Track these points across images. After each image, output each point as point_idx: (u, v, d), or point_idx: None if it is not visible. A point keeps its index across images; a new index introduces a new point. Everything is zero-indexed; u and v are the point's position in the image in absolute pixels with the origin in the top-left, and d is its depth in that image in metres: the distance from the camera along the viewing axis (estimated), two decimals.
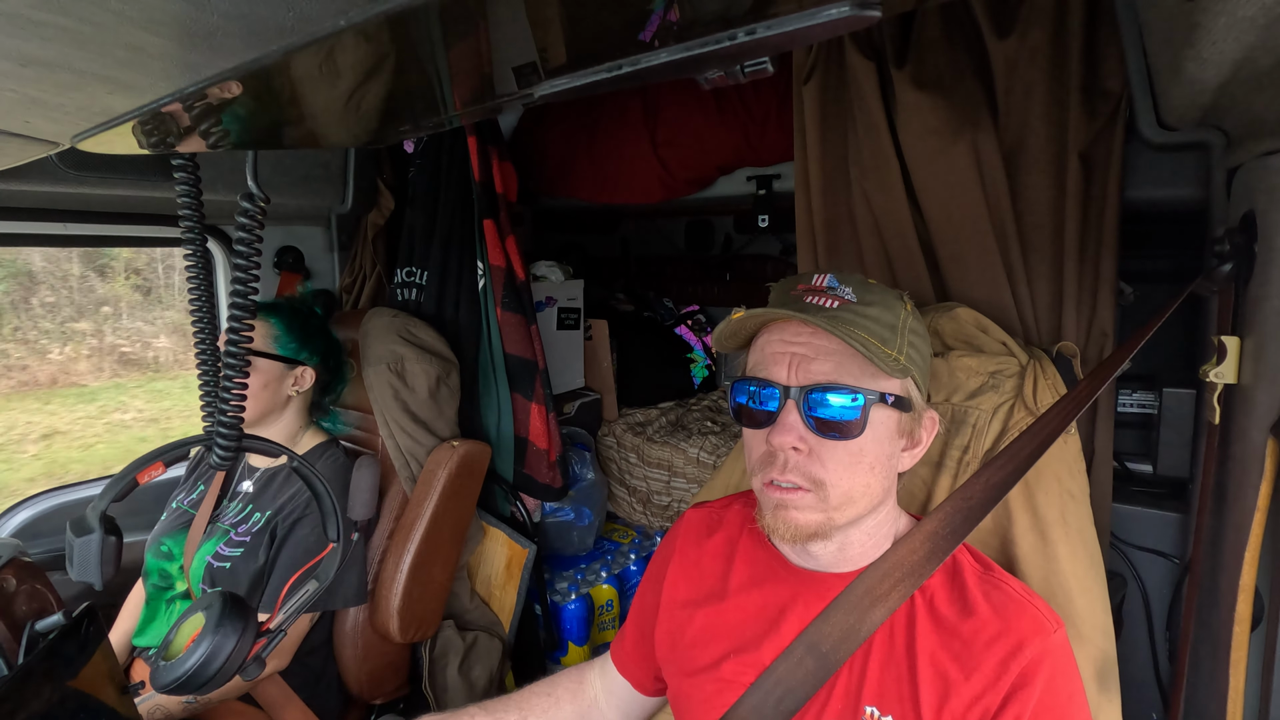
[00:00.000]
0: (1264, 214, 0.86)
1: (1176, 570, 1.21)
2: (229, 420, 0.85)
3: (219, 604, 0.90)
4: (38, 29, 0.41)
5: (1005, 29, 1.13)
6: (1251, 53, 0.63)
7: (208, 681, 0.86)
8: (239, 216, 0.80)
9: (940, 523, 0.80)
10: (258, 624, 0.92)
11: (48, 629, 0.93)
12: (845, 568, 0.83)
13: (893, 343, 0.75)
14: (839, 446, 0.75)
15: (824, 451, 0.76)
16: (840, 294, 0.78)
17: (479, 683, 1.75)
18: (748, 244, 2.79)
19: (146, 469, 0.88)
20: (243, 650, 0.88)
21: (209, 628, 0.87)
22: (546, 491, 1.93)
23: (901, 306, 0.80)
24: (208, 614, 0.90)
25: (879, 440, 0.77)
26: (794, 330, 0.78)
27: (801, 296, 0.78)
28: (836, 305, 0.76)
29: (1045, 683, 0.71)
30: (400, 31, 0.44)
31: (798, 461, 0.76)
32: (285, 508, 1.40)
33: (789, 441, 0.75)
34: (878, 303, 0.78)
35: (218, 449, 0.86)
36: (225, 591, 0.93)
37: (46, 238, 1.74)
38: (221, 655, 0.86)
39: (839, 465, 0.76)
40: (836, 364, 0.75)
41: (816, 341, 0.77)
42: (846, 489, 0.76)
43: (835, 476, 0.76)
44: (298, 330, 1.49)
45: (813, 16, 0.40)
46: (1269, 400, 0.82)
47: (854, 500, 0.77)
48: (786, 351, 0.77)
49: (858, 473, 0.76)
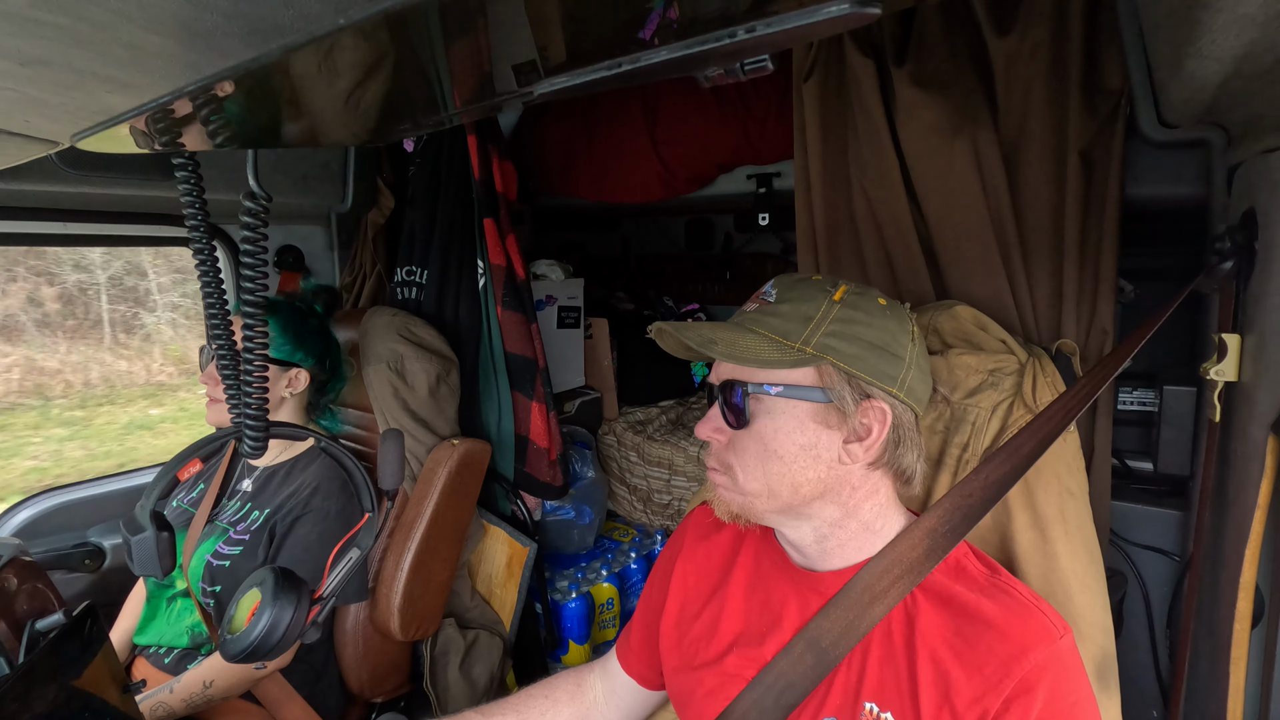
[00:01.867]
0: (1265, 211, 0.86)
1: (1177, 568, 1.21)
2: (255, 412, 0.93)
3: (272, 578, 0.95)
4: (37, 28, 0.41)
5: (1005, 26, 1.13)
6: (1252, 49, 0.63)
7: (274, 647, 0.92)
8: (243, 216, 0.82)
9: (939, 519, 0.80)
10: (310, 591, 0.98)
11: (49, 628, 0.93)
12: (835, 564, 0.83)
13: (796, 334, 0.78)
14: (745, 435, 0.81)
15: (735, 440, 0.82)
16: (765, 296, 0.85)
17: (480, 681, 1.76)
18: (748, 242, 2.79)
19: (185, 465, 0.96)
20: (301, 617, 0.94)
21: (267, 599, 0.93)
22: (547, 490, 1.93)
23: (826, 298, 0.80)
24: (263, 588, 0.94)
25: (787, 431, 0.79)
26: None
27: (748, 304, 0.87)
28: (755, 308, 0.84)
29: (1049, 690, 0.70)
30: (400, 30, 0.44)
31: (716, 449, 0.85)
32: (284, 506, 1.40)
33: (705, 430, 0.85)
34: (797, 298, 0.81)
35: (248, 439, 0.94)
36: (274, 567, 0.97)
37: (47, 237, 1.74)
38: (284, 623, 0.92)
39: (746, 454, 0.81)
40: (740, 360, 0.81)
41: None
42: (759, 476, 0.80)
43: (741, 461, 0.82)
44: (293, 332, 1.48)
45: (812, 14, 0.40)
46: (1270, 398, 0.82)
47: (775, 491, 0.80)
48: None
49: (769, 461, 0.80)
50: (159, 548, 0.90)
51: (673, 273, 3.12)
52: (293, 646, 1.41)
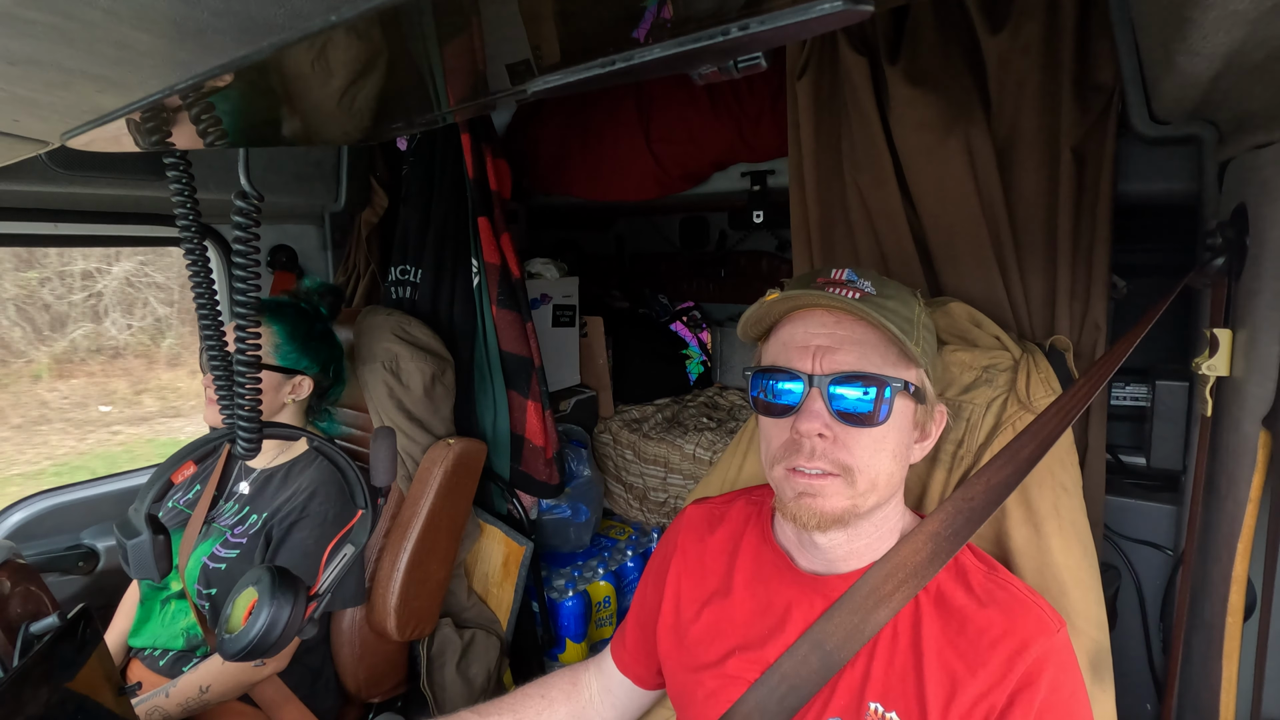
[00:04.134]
0: (1255, 207, 0.87)
1: (1170, 562, 1.22)
2: (247, 414, 0.91)
3: (268, 576, 0.95)
4: (26, 27, 0.41)
5: (998, 24, 1.13)
6: (1242, 46, 0.63)
7: (273, 644, 0.92)
8: (234, 216, 0.81)
9: (942, 523, 0.81)
10: (306, 589, 0.97)
11: (43, 631, 0.93)
12: (851, 564, 0.83)
13: (911, 334, 0.77)
14: (863, 433, 0.77)
15: (849, 438, 0.77)
16: (860, 286, 0.78)
17: (477, 680, 1.76)
18: (742, 240, 2.79)
19: (179, 469, 0.95)
20: (299, 613, 0.94)
21: (264, 598, 0.92)
22: (543, 489, 1.93)
23: (916, 302, 0.82)
24: (259, 586, 0.94)
25: (900, 429, 0.79)
26: (818, 320, 0.79)
27: (823, 289, 0.78)
28: (858, 297, 0.77)
29: (1050, 682, 0.72)
30: (392, 28, 0.43)
31: (825, 448, 0.76)
32: (281, 510, 1.40)
33: (815, 428, 0.76)
34: (895, 296, 0.79)
35: (242, 441, 0.92)
36: (270, 565, 0.97)
37: (37, 238, 1.73)
38: (282, 620, 0.92)
39: (864, 451, 0.77)
40: (859, 354, 0.77)
41: (840, 332, 0.78)
42: (872, 475, 0.77)
43: (862, 461, 0.77)
44: (300, 339, 1.47)
45: (805, 11, 0.40)
46: (1261, 392, 0.82)
47: (877, 486, 0.78)
48: (810, 343, 0.78)
49: (881, 459, 0.78)
50: (155, 551, 0.90)
51: (667, 271, 3.12)
52: (290, 645, 1.41)
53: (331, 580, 1.03)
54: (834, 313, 0.79)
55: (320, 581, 1.03)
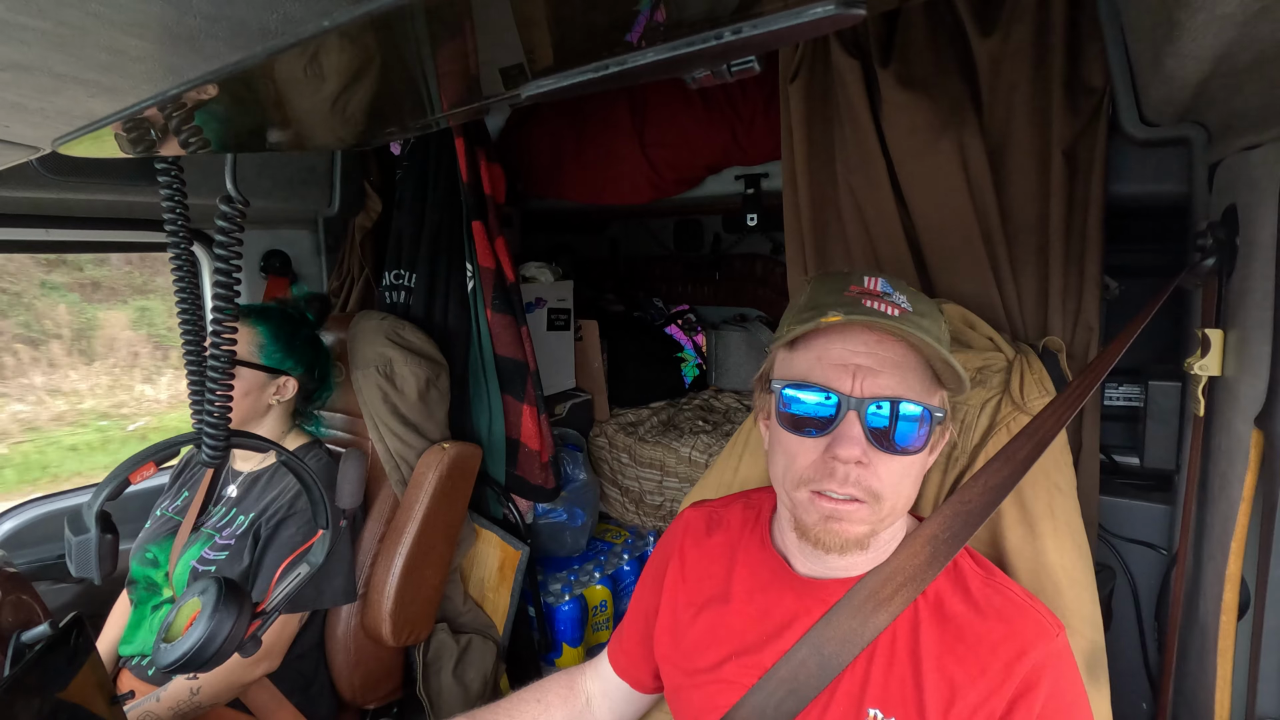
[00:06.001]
0: (1245, 208, 0.87)
1: (1164, 561, 1.23)
2: (215, 419, 0.87)
3: (214, 587, 0.92)
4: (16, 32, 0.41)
5: (989, 27, 1.14)
6: (1230, 49, 0.64)
7: (209, 659, 0.89)
8: (218, 220, 0.80)
9: (940, 527, 0.81)
10: (253, 604, 0.95)
11: (34, 640, 0.92)
12: (850, 570, 0.83)
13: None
14: (894, 460, 0.74)
15: (879, 464, 0.73)
16: (896, 301, 0.75)
17: (473, 686, 1.75)
18: (737, 243, 2.80)
19: (139, 469, 0.90)
20: (240, 629, 0.91)
21: (207, 609, 0.90)
22: (539, 493, 1.93)
23: (942, 318, 0.80)
24: (204, 597, 0.92)
25: (925, 454, 0.78)
26: (859, 338, 0.75)
27: (859, 299, 0.75)
28: (897, 314, 0.73)
29: (1050, 686, 0.72)
30: (386, 32, 0.43)
31: (858, 474, 0.73)
32: (268, 509, 1.40)
33: (855, 454, 0.72)
34: (928, 314, 0.77)
35: (206, 447, 0.88)
36: (219, 576, 0.95)
37: (27, 244, 1.72)
38: (221, 634, 0.89)
39: (893, 478, 0.74)
40: (900, 378, 0.74)
41: (881, 352, 0.74)
42: (894, 500, 0.76)
43: (890, 488, 0.74)
44: (284, 340, 1.48)
45: (798, 15, 0.40)
46: (1252, 392, 0.83)
47: (897, 509, 0.77)
48: (850, 361, 0.74)
49: (906, 484, 0.76)
50: (100, 550, 0.86)
51: (662, 274, 3.12)
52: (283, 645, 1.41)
53: (280, 599, 1.00)
54: (875, 331, 0.74)
55: (269, 599, 1.00)
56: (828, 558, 0.80)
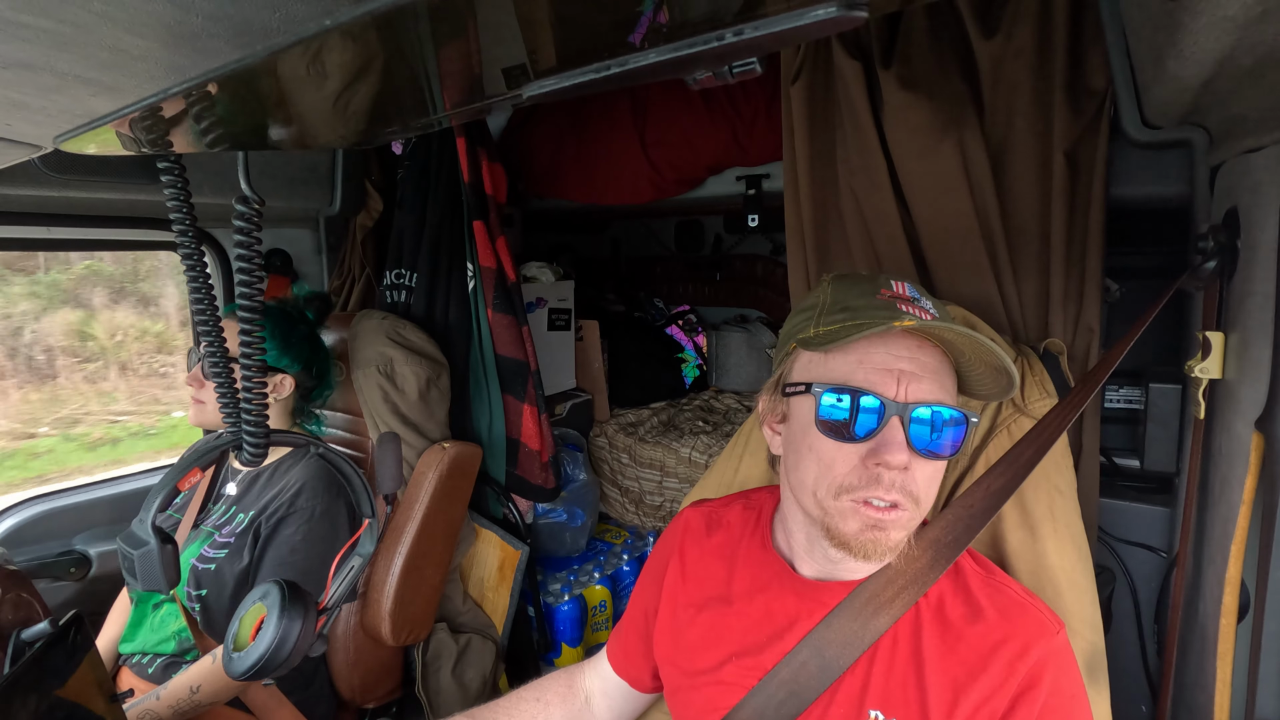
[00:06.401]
0: (1247, 211, 0.87)
1: (1164, 564, 1.22)
2: (255, 420, 0.91)
3: (276, 591, 0.93)
4: (18, 30, 0.41)
5: (991, 29, 1.14)
6: (1233, 51, 0.63)
7: (284, 661, 0.90)
8: (235, 220, 0.81)
9: (943, 530, 0.81)
10: (315, 602, 0.96)
11: (34, 638, 0.92)
12: (853, 572, 0.83)
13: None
14: (929, 464, 0.74)
15: (918, 469, 0.74)
16: (925, 306, 0.75)
17: (472, 685, 1.75)
18: (738, 243, 2.80)
19: (186, 476, 0.93)
20: (310, 629, 0.92)
21: (274, 613, 0.91)
22: (539, 493, 1.93)
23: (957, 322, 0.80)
24: (267, 601, 0.93)
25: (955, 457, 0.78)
26: (900, 342, 0.74)
27: (894, 304, 0.74)
28: (930, 320, 0.73)
29: (1051, 684, 0.72)
30: (387, 32, 0.43)
31: (902, 480, 0.73)
32: (268, 507, 1.40)
33: (903, 460, 0.71)
34: (951, 319, 0.77)
35: (249, 447, 0.92)
36: (278, 580, 0.96)
37: (30, 242, 1.72)
38: (293, 636, 0.90)
39: (929, 482, 0.75)
40: (939, 383, 0.74)
41: (922, 358, 0.74)
42: (928, 503, 0.76)
43: (926, 491, 0.75)
44: (280, 337, 1.48)
45: (800, 17, 0.40)
46: (1253, 395, 0.83)
47: (926, 512, 0.78)
48: (894, 367, 0.73)
49: (935, 487, 0.77)
50: (163, 561, 0.88)
51: (663, 274, 3.12)
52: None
53: (340, 593, 1.01)
54: (915, 335, 0.74)
55: (329, 594, 1.01)
56: (841, 562, 0.80)
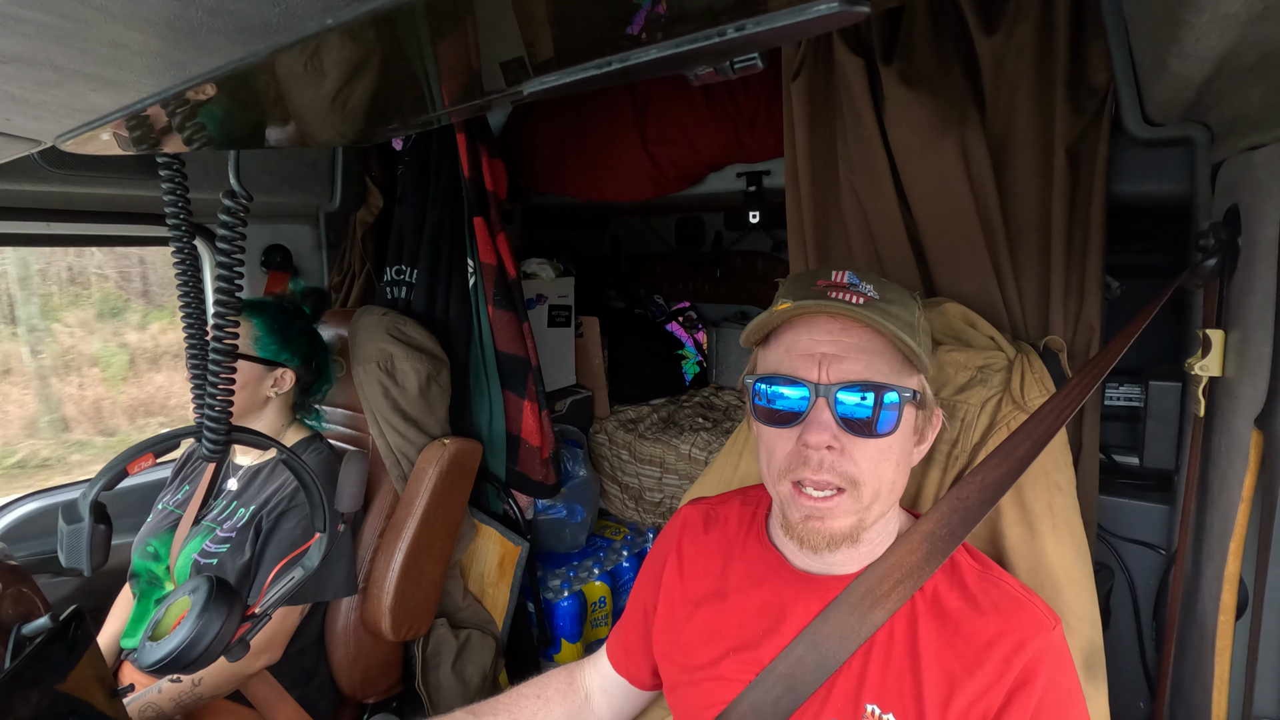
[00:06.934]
0: (1248, 208, 0.87)
1: (1163, 561, 1.23)
2: (217, 414, 0.86)
3: (205, 587, 0.91)
4: (18, 25, 0.41)
5: (992, 25, 1.13)
6: (1235, 48, 0.63)
7: (193, 661, 0.88)
8: (221, 214, 0.80)
9: (938, 523, 0.81)
10: (244, 607, 0.94)
11: (35, 633, 0.92)
12: (848, 566, 0.83)
13: (916, 339, 0.76)
14: (869, 444, 0.75)
15: (855, 450, 0.75)
16: (863, 290, 0.76)
17: (472, 681, 1.75)
18: (738, 240, 2.79)
19: (137, 460, 0.89)
20: (228, 632, 0.89)
21: (195, 609, 0.88)
22: (539, 489, 1.93)
23: (916, 305, 0.80)
24: (194, 596, 0.91)
25: (904, 437, 0.78)
26: (823, 327, 0.77)
27: (825, 292, 0.76)
28: (862, 302, 0.75)
29: (1047, 679, 0.72)
30: (388, 29, 0.43)
31: (832, 460, 0.75)
32: (269, 502, 1.40)
33: (824, 440, 0.74)
34: (897, 300, 0.78)
35: (207, 441, 0.87)
36: (212, 575, 0.94)
37: (29, 237, 1.72)
38: (207, 636, 0.88)
39: (870, 462, 0.75)
40: (866, 362, 0.75)
41: (846, 339, 0.76)
42: (876, 486, 0.76)
43: (867, 473, 0.75)
44: (279, 332, 1.48)
45: (802, 12, 0.40)
46: (1253, 392, 0.83)
47: (880, 496, 0.77)
48: (815, 350, 0.76)
49: (885, 469, 0.76)
50: (91, 540, 0.84)
51: (663, 271, 3.12)
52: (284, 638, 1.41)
53: (272, 602, 0.98)
54: (839, 319, 0.76)
55: (261, 601, 0.99)
56: (819, 554, 0.81)
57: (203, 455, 0.89)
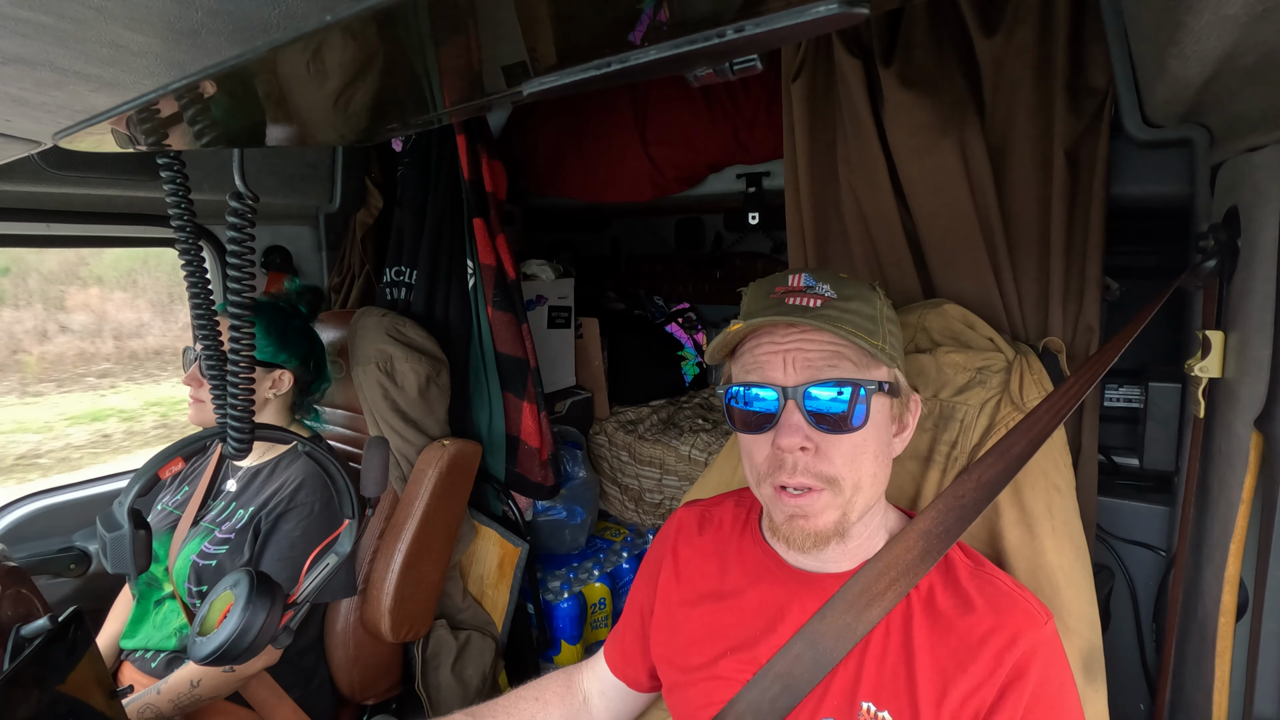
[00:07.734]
0: (1247, 210, 0.87)
1: (1163, 562, 1.23)
2: (240, 414, 0.91)
3: (247, 580, 0.93)
4: (18, 26, 0.41)
5: (992, 27, 1.14)
6: (1234, 50, 0.63)
7: (244, 650, 0.91)
8: (229, 216, 0.81)
9: (933, 521, 0.82)
10: (284, 596, 0.96)
11: (34, 634, 0.92)
12: (844, 565, 0.83)
13: (877, 333, 0.77)
14: (843, 440, 0.76)
15: (829, 448, 0.76)
16: (819, 292, 0.78)
17: (472, 682, 1.75)
18: (738, 241, 2.79)
19: (168, 464, 0.92)
20: (274, 621, 0.93)
21: (240, 602, 0.91)
22: (539, 490, 1.93)
23: (876, 297, 0.81)
24: (236, 590, 0.93)
25: (879, 428, 0.79)
26: (782, 331, 0.78)
27: (782, 299, 0.78)
28: (819, 304, 0.77)
29: (1039, 674, 0.73)
30: (387, 28, 0.43)
31: (807, 462, 0.76)
32: (269, 503, 1.40)
33: (796, 442, 0.75)
34: (855, 296, 0.79)
35: (233, 441, 0.92)
36: (250, 569, 0.96)
37: (29, 238, 1.72)
38: (255, 626, 0.91)
39: (845, 458, 0.76)
40: (829, 361, 0.76)
41: (807, 340, 0.77)
42: (855, 479, 0.77)
43: (844, 470, 0.76)
44: (277, 333, 1.48)
45: (801, 14, 0.40)
46: (1252, 394, 0.83)
47: (862, 489, 0.78)
48: (778, 352, 0.77)
49: (863, 462, 0.77)
50: (134, 545, 0.88)
51: (663, 272, 3.12)
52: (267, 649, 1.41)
53: (311, 590, 1.01)
54: (797, 324, 0.77)
55: (300, 589, 1.01)
56: (808, 552, 0.82)
57: (228, 454, 0.94)
